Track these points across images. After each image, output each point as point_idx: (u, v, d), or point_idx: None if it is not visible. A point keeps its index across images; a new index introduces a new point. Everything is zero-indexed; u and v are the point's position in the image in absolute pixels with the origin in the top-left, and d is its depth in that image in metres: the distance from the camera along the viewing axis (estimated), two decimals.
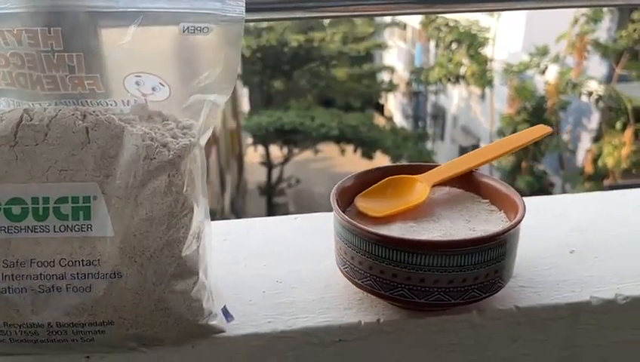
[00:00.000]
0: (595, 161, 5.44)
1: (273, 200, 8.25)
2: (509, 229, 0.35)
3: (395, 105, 10.43)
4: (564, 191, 5.63)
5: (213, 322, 0.35)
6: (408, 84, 8.83)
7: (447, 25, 6.49)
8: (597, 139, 5.64)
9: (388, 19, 9.60)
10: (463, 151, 8.52)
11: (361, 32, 8.28)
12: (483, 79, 6.41)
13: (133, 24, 0.31)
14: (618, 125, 5.35)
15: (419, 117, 9.20)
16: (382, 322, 0.37)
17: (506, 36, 6.54)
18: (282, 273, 0.43)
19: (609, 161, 5.14)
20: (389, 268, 0.35)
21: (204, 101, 0.33)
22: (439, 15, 6.50)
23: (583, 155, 6.05)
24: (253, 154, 9.63)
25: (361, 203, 0.41)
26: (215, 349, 0.36)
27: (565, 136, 6.26)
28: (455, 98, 8.45)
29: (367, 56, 8.94)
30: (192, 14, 0.31)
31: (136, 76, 0.32)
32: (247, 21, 0.32)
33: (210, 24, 0.31)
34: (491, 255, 0.34)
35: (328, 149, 8.17)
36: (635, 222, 0.48)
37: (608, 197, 0.53)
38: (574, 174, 6.02)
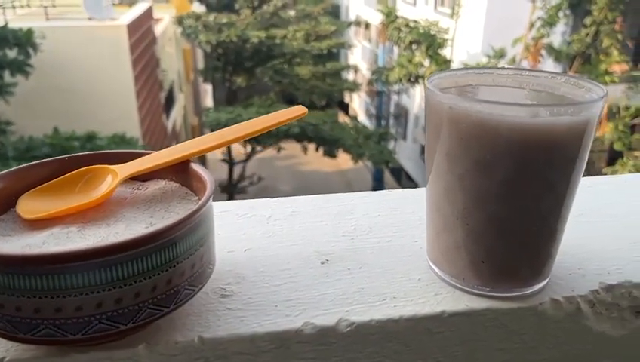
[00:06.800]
0: None
1: (235, 198, 8.11)
2: (138, 242, 0.25)
3: (359, 105, 10.40)
4: None
5: None
6: (369, 83, 8.80)
7: (407, 25, 6.47)
8: None
9: (351, 17, 9.55)
10: (424, 150, 8.54)
11: (324, 30, 8.20)
12: None
13: None
14: None
15: (382, 116, 9.19)
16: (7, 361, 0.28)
17: (465, 37, 6.56)
18: None
19: None
20: None
21: None
22: (399, 15, 6.49)
23: None
24: (216, 152, 9.44)
25: (26, 202, 0.31)
26: None
27: None
28: (417, 98, 8.47)
29: (332, 55, 8.86)
30: None
31: None
32: None
33: None
34: (119, 273, 0.25)
35: (292, 147, 8.07)
36: (414, 225, 0.40)
37: (403, 195, 0.45)
38: None
